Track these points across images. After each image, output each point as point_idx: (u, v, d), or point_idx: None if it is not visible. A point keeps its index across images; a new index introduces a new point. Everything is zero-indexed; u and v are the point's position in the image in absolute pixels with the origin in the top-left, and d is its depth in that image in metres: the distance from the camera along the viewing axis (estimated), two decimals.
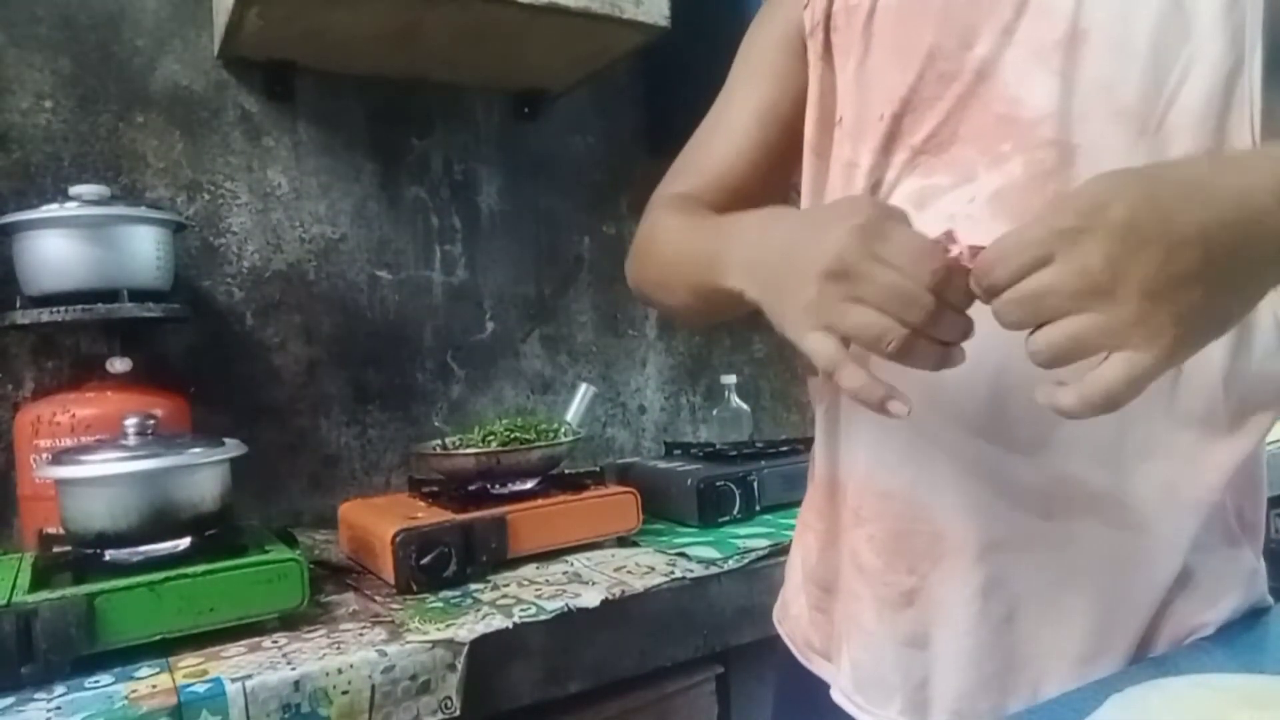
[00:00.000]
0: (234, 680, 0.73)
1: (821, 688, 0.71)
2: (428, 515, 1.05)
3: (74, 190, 1.09)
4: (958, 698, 0.61)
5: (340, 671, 0.77)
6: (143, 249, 1.11)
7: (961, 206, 0.59)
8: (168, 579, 0.80)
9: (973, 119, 0.60)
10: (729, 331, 1.82)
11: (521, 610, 0.90)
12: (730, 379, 1.62)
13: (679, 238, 0.72)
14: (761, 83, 0.76)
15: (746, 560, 1.05)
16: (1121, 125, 0.57)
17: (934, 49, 0.61)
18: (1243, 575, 0.63)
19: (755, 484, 1.27)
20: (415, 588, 0.98)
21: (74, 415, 1.05)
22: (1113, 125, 0.57)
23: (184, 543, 0.88)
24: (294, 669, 0.75)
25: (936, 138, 0.61)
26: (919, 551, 0.62)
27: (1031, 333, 0.47)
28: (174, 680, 0.74)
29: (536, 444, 1.16)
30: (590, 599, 0.93)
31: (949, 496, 0.61)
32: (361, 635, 0.84)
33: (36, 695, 0.73)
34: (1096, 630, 0.59)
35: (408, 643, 0.81)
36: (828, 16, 0.68)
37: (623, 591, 0.95)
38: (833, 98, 0.69)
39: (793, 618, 0.77)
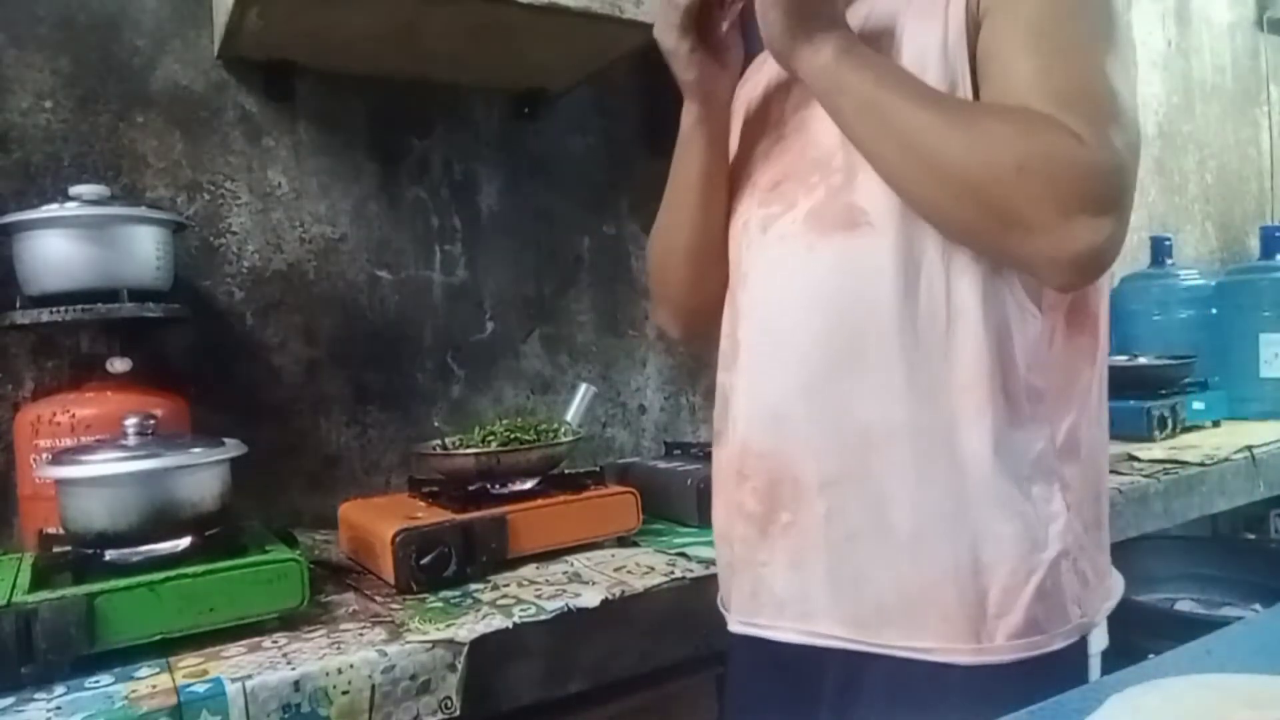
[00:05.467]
0: (234, 680, 0.73)
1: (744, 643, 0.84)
2: (428, 515, 1.05)
3: (74, 190, 1.09)
4: (828, 604, 0.76)
5: (340, 671, 0.77)
6: (143, 249, 1.11)
7: (789, 226, 0.80)
8: (168, 579, 0.81)
9: (795, 164, 0.82)
10: None
11: (521, 610, 0.90)
12: None
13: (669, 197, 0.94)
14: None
15: None
16: None
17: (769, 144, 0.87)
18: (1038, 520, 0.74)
19: None
20: (415, 588, 0.98)
21: (74, 415, 1.05)
22: None
23: (184, 543, 0.88)
24: (294, 669, 0.76)
25: (777, 185, 0.83)
26: (787, 495, 0.78)
27: None
28: (174, 680, 0.74)
29: (536, 444, 1.16)
30: (590, 599, 0.93)
31: (800, 447, 0.77)
32: (361, 635, 0.84)
33: (36, 695, 0.73)
34: (915, 537, 0.72)
35: (408, 643, 0.81)
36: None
37: (623, 591, 0.95)
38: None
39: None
